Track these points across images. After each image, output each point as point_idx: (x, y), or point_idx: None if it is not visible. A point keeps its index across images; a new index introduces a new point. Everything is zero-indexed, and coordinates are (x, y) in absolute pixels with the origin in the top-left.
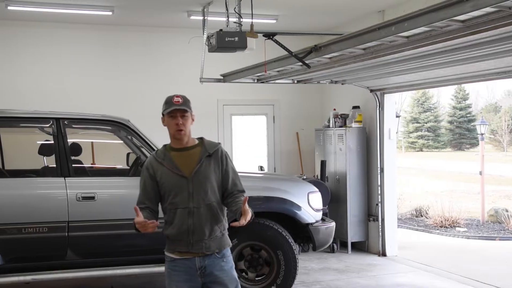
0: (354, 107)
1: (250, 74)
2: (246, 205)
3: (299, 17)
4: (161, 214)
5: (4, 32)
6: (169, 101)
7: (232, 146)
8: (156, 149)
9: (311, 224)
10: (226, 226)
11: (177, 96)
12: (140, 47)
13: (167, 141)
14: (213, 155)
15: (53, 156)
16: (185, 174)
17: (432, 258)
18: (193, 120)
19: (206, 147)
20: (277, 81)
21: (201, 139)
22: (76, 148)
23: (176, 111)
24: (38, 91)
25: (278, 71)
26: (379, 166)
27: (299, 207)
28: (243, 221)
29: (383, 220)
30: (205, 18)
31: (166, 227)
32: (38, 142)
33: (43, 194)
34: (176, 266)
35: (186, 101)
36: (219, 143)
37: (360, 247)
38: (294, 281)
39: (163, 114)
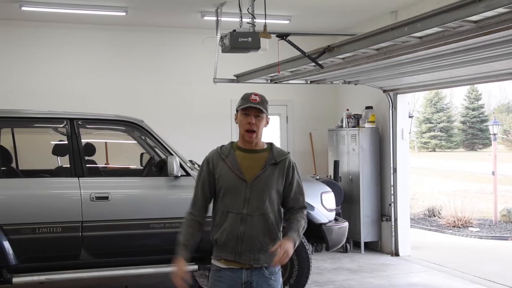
0: (367, 108)
1: (263, 75)
2: (286, 246)
3: (312, 17)
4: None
5: (18, 32)
6: (245, 98)
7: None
8: (170, 149)
9: (324, 224)
10: (280, 239)
11: (255, 94)
12: (154, 48)
13: (180, 141)
14: (280, 164)
15: (67, 156)
16: (245, 177)
17: (445, 258)
18: (267, 123)
19: (274, 154)
20: (290, 81)
21: (270, 144)
22: (90, 148)
23: (250, 109)
24: (52, 91)
25: (291, 72)
26: (392, 166)
27: (312, 207)
28: (277, 259)
29: (396, 220)
30: (219, 18)
31: (215, 230)
32: (52, 142)
33: (57, 194)
34: (221, 277)
35: (263, 101)
36: (289, 153)
37: (373, 247)
38: (307, 280)
39: (236, 110)
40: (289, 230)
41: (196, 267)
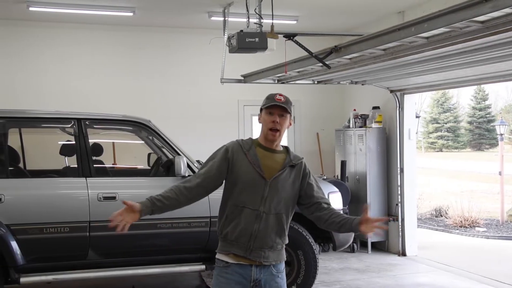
0: (374, 108)
1: (270, 75)
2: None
3: (319, 18)
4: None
5: (25, 32)
6: (270, 97)
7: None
8: (177, 149)
9: None
10: (287, 241)
11: (280, 95)
12: (161, 48)
13: (187, 141)
14: (296, 167)
15: (75, 156)
16: (265, 175)
17: (452, 258)
18: (290, 124)
19: (291, 157)
20: (297, 81)
21: (286, 147)
22: (98, 148)
23: (275, 107)
24: (59, 91)
25: (298, 72)
26: (399, 166)
27: None
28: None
29: (403, 220)
30: (226, 19)
31: (225, 224)
32: (59, 142)
33: (64, 194)
34: (228, 273)
35: (288, 102)
36: (303, 158)
37: (380, 247)
38: (315, 280)
39: (261, 109)
40: (350, 217)
41: (203, 267)
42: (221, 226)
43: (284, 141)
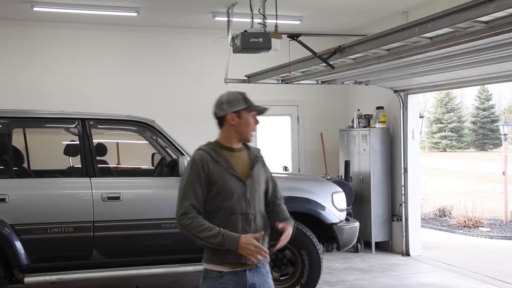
0: (378, 108)
1: (274, 75)
2: (290, 228)
3: (323, 18)
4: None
5: (29, 33)
6: (248, 99)
7: (257, 146)
8: (181, 149)
9: (335, 224)
10: (269, 231)
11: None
12: (165, 48)
13: (191, 141)
14: (260, 160)
15: (79, 156)
16: (241, 177)
17: (456, 257)
18: None
19: (253, 152)
20: (301, 81)
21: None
22: (102, 149)
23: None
24: (63, 91)
25: (302, 72)
26: (402, 166)
27: (323, 207)
28: (284, 238)
29: (406, 220)
30: (230, 19)
31: None
32: (63, 142)
33: (68, 194)
34: (223, 283)
35: None
36: (260, 149)
37: (384, 247)
38: (318, 280)
39: (236, 111)
40: (286, 217)
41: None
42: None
43: (287, 141)
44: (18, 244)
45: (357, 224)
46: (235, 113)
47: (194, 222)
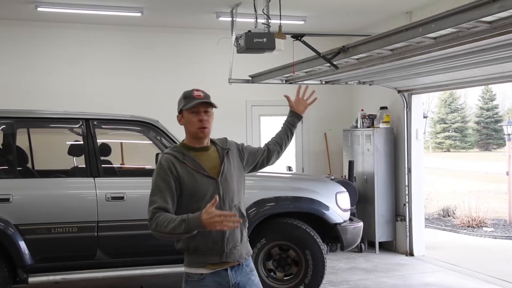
0: (382, 108)
1: (278, 75)
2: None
3: (327, 18)
4: None
5: (33, 33)
6: (189, 96)
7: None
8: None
9: (339, 224)
10: (247, 224)
11: (197, 90)
12: (169, 48)
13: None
14: (230, 151)
15: (83, 156)
16: (212, 175)
17: (459, 258)
18: (212, 118)
19: (220, 145)
20: (305, 81)
21: (210, 140)
22: (106, 149)
23: (199, 105)
24: (67, 91)
25: (306, 72)
26: (406, 166)
27: (327, 207)
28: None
29: (410, 220)
30: (234, 19)
31: (191, 238)
32: (67, 142)
33: (72, 194)
34: (205, 285)
35: (207, 95)
36: (226, 137)
37: (388, 247)
38: (322, 280)
39: (180, 112)
40: (283, 130)
41: None
42: (186, 242)
43: (291, 141)
44: (22, 244)
45: (361, 224)
46: (180, 114)
47: (159, 219)
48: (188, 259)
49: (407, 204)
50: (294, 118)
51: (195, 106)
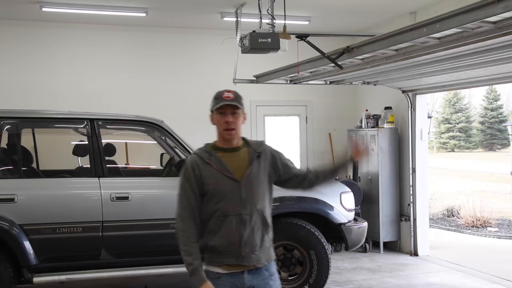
0: (386, 108)
1: (283, 75)
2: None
3: (332, 18)
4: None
5: (38, 33)
6: (218, 97)
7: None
8: (190, 149)
9: (344, 224)
10: (272, 234)
11: (228, 91)
12: (173, 48)
13: (199, 141)
14: (262, 155)
15: (87, 156)
16: (235, 177)
17: (464, 257)
18: (244, 119)
19: (253, 147)
20: (309, 82)
21: (244, 139)
22: (110, 149)
23: (226, 107)
24: (72, 91)
25: (310, 72)
26: (411, 166)
27: (331, 207)
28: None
29: (415, 220)
30: (238, 19)
31: (210, 237)
32: (72, 142)
33: (77, 194)
34: (220, 284)
35: (237, 97)
36: (263, 141)
37: (392, 247)
38: (327, 280)
39: (211, 111)
40: (329, 169)
41: None
42: (206, 240)
43: (296, 141)
44: (27, 244)
45: (365, 224)
46: (211, 114)
47: (183, 235)
48: (207, 257)
49: (411, 204)
50: (348, 162)
51: (222, 107)
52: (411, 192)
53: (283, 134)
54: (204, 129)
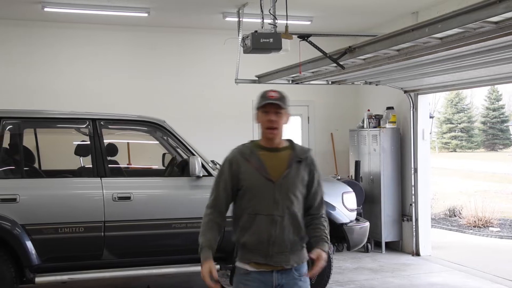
0: (388, 108)
1: (285, 75)
2: (324, 256)
3: (334, 18)
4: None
5: (40, 33)
6: (263, 95)
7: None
8: (192, 149)
9: (346, 224)
10: (306, 239)
11: (273, 91)
12: (175, 48)
13: (202, 142)
14: (303, 161)
15: (90, 156)
16: (272, 177)
17: (466, 257)
18: (288, 119)
19: (297, 152)
20: (311, 82)
21: (290, 141)
22: (112, 149)
23: (269, 106)
24: (74, 91)
25: (312, 72)
26: (412, 166)
27: (333, 207)
28: (316, 269)
29: (417, 220)
30: (240, 19)
31: (241, 234)
32: (74, 142)
33: (79, 194)
34: (249, 281)
35: (282, 97)
36: (310, 149)
37: (394, 247)
38: (329, 280)
39: (256, 109)
40: (320, 240)
41: (217, 266)
42: (238, 236)
43: (298, 141)
44: (29, 244)
45: (367, 224)
46: (256, 113)
47: (205, 220)
48: (239, 253)
49: (413, 204)
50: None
51: (265, 106)
52: (413, 192)
53: (285, 134)
54: (205, 129)
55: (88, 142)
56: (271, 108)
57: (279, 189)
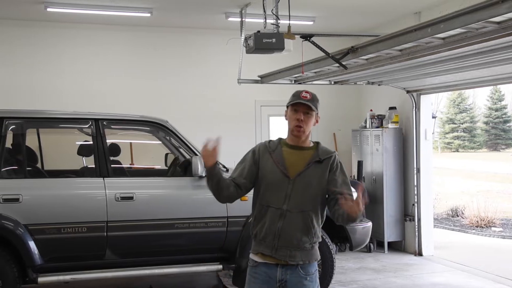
0: (391, 108)
1: (287, 75)
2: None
3: (336, 18)
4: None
5: (43, 33)
6: (296, 94)
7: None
8: (194, 149)
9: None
10: (319, 238)
11: (306, 92)
12: (178, 49)
13: (201, 142)
14: (324, 162)
15: (92, 156)
16: (288, 173)
17: (468, 257)
18: (317, 121)
19: (319, 152)
20: (314, 82)
21: (317, 143)
22: (115, 149)
23: (300, 105)
24: (77, 92)
25: (315, 72)
26: (415, 166)
27: None
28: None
29: (419, 220)
30: (243, 19)
31: (255, 224)
32: (77, 142)
33: (82, 194)
34: (256, 273)
35: (314, 99)
36: (335, 152)
37: (397, 247)
38: (331, 280)
39: (287, 107)
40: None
41: (220, 266)
42: (252, 226)
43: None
44: (31, 244)
45: (369, 224)
46: (286, 110)
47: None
48: (253, 244)
49: (416, 204)
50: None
51: (296, 105)
52: (415, 192)
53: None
54: (206, 130)
55: (91, 142)
56: (301, 108)
57: (293, 185)
